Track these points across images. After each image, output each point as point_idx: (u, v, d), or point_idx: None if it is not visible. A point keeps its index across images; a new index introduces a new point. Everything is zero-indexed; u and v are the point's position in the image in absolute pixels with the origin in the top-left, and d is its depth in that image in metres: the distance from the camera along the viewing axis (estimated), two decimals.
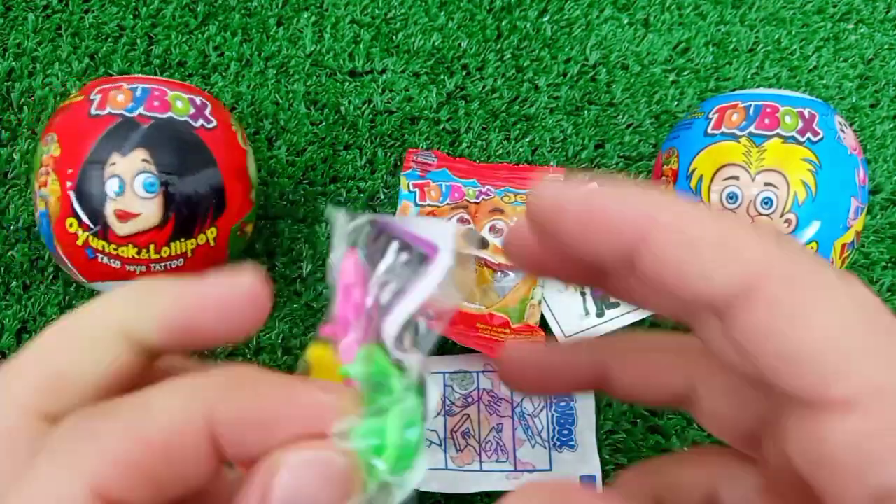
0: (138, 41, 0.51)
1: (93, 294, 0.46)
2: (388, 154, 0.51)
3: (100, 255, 0.38)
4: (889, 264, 0.50)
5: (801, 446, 0.15)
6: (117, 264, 0.39)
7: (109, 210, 0.38)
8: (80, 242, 0.38)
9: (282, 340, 0.46)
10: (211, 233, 0.40)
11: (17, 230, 0.47)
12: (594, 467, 0.43)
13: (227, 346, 0.46)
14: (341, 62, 0.52)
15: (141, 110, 0.39)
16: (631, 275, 0.17)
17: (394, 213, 0.49)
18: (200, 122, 0.40)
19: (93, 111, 0.38)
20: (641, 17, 0.55)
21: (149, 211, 0.38)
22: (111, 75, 0.50)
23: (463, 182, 0.49)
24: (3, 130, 0.49)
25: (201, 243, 0.40)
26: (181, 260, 0.40)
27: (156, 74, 0.51)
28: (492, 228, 0.47)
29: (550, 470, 0.43)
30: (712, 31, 0.55)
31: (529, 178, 0.50)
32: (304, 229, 0.49)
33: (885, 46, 0.55)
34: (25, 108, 0.49)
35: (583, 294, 0.46)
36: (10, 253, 0.46)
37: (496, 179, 0.50)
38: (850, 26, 0.56)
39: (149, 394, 0.15)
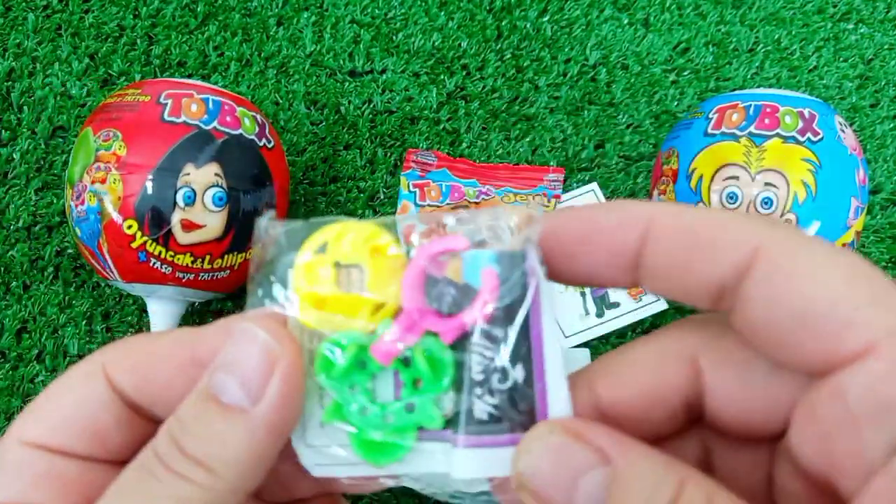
0: (138, 41, 0.51)
1: (94, 295, 0.46)
2: (388, 154, 0.51)
3: (152, 260, 0.39)
4: (889, 264, 0.50)
5: (818, 415, 0.15)
6: (168, 270, 0.39)
7: (176, 219, 0.38)
8: (135, 245, 0.38)
9: None
10: None
11: (17, 230, 0.47)
12: None
13: None
14: (341, 62, 0.52)
15: (215, 124, 0.39)
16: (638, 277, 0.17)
17: (394, 214, 0.49)
18: (263, 141, 0.42)
19: (166, 117, 0.39)
20: (641, 17, 0.55)
21: (213, 224, 0.39)
22: (112, 75, 0.51)
23: (463, 182, 0.49)
24: (3, 130, 0.49)
25: (248, 257, 0.41)
26: (227, 271, 0.41)
27: (156, 75, 0.51)
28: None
29: None
30: (712, 31, 0.55)
31: (529, 178, 0.50)
32: None
33: (885, 46, 0.55)
34: (25, 108, 0.49)
35: (582, 294, 0.46)
36: (10, 253, 0.46)
37: (496, 179, 0.50)
38: (850, 26, 0.56)
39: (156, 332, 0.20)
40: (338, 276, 0.18)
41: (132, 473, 0.18)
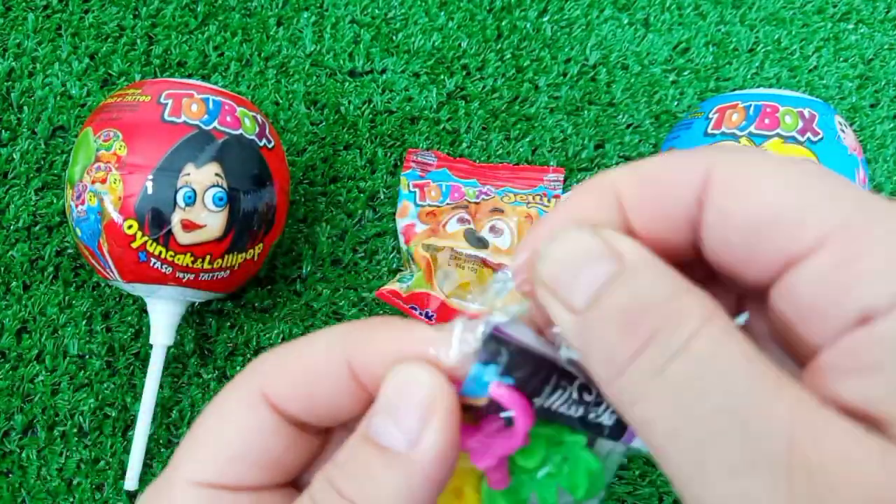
0: (138, 41, 0.51)
1: (94, 295, 0.46)
2: (388, 154, 0.51)
3: (153, 260, 0.39)
4: None
5: (783, 301, 0.15)
6: (168, 270, 0.39)
7: (176, 219, 0.38)
8: (135, 245, 0.38)
9: (281, 340, 0.46)
10: (258, 248, 0.42)
11: (17, 230, 0.47)
12: None
13: (228, 346, 0.46)
14: (341, 62, 0.52)
15: (215, 124, 0.40)
16: None
17: (394, 214, 0.49)
18: (264, 141, 0.42)
19: (166, 117, 0.39)
20: (641, 17, 0.55)
21: (213, 224, 0.39)
22: (112, 75, 0.51)
23: (463, 182, 0.49)
24: (3, 130, 0.49)
25: (248, 258, 0.41)
26: (227, 272, 0.41)
27: (156, 75, 0.51)
28: (492, 228, 0.47)
29: None
30: (712, 31, 0.55)
31: (529, 178, 0.50)
32: (304, 229, 0.49)
33: (885, 46, 0.55)
34: (25, 108, 0.49)
35: None
36: (10, 253, 0.46)
37: (496, 179, 0.50)
38: (850, 26, 0.56)
39: (301, 340, 0.19)
40: None
41: None
